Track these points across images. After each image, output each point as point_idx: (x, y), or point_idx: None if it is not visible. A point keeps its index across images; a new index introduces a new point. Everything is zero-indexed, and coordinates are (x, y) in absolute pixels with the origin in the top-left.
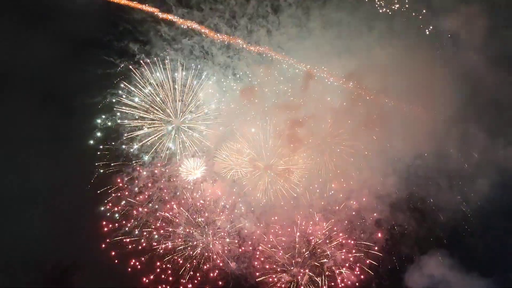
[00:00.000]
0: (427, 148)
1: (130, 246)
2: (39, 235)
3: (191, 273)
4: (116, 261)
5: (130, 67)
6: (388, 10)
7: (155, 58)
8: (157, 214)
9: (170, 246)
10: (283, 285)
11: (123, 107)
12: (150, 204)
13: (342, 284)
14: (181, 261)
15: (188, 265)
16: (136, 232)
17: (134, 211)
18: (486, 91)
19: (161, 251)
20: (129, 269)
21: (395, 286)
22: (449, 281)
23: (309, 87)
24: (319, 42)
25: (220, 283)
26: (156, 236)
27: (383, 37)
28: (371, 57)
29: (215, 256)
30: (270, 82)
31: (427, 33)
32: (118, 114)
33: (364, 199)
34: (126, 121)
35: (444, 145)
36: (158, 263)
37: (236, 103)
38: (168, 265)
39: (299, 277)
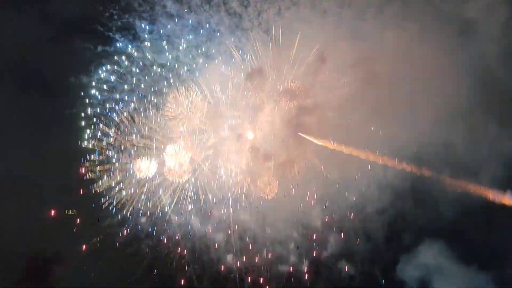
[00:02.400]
0: (433, 138)
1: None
2: (20, 224)
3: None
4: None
5: None
6: None
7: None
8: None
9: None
10: None
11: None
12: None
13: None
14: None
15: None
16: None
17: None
18: (499, 83)
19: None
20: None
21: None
22: (447, 273)
23: (319, 72)
24: (330, 23)
25: None
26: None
27: (396, 20)
28: (382, 42)
29: None
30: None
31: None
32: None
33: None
34: None
35: (450, 136)
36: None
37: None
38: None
39: None
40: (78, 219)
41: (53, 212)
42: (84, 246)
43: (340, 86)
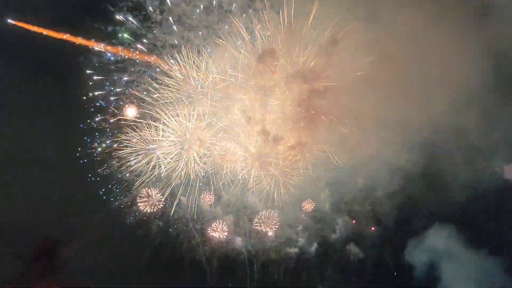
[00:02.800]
0: (446, 122)
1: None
2: (31, 205)
3: None
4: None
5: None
6: None
7: None
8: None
9: None
10: None
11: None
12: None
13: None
14: None
15: None
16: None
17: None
18: None
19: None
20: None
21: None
22: (456, 257)
23: (332, 53)
24: (343, 4)
25: None
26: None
27: (411, 1)
28: (397, 23)
29: None
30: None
31: None
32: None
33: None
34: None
35: (464, 119)
36: None
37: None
38: None
39: None
40: (87, 201)
41: (62, 194)
42: (94, 228)
43: (352, 69)
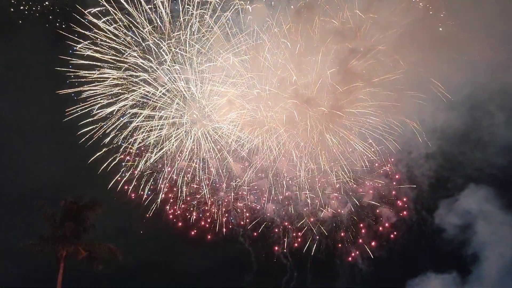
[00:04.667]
0: (488, 81)
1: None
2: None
3: None
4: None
5: None
6: None
7: None
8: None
9: None
10: None
11: None
12: None
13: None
14: None
15: None
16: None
17: None
18: None
19: None
20: None
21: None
22: (492, 220)
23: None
24: None
25: None
26: None
27: None
28: None
29: None
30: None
31: None
32: None
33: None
34: None
35: (508, 76)
36: None
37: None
38: None
39: None
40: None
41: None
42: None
43: (393, 26)
